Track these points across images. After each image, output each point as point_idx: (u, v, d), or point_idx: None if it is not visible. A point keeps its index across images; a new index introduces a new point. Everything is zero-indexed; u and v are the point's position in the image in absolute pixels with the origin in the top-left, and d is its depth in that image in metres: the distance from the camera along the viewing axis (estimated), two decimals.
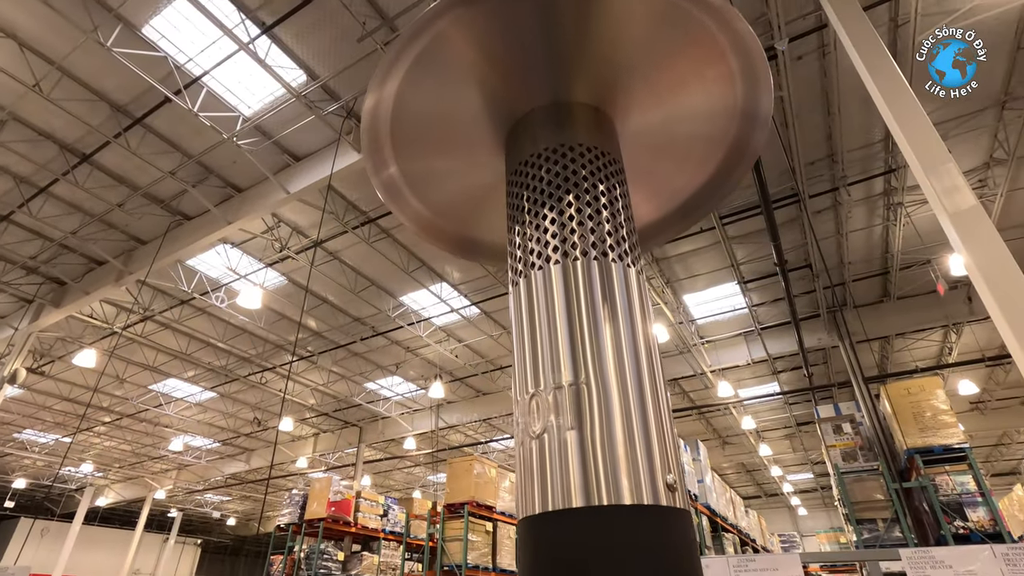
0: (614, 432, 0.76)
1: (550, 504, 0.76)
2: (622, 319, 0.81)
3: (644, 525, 0.70)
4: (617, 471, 0.73)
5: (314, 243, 10.09)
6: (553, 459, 0.77)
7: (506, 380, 15.60)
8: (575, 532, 0.72)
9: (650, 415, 0.78)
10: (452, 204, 1.36)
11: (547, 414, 0.81)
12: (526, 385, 0.86)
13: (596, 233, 0.88)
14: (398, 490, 25.48)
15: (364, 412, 17.74)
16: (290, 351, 14.03)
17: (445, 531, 10.52)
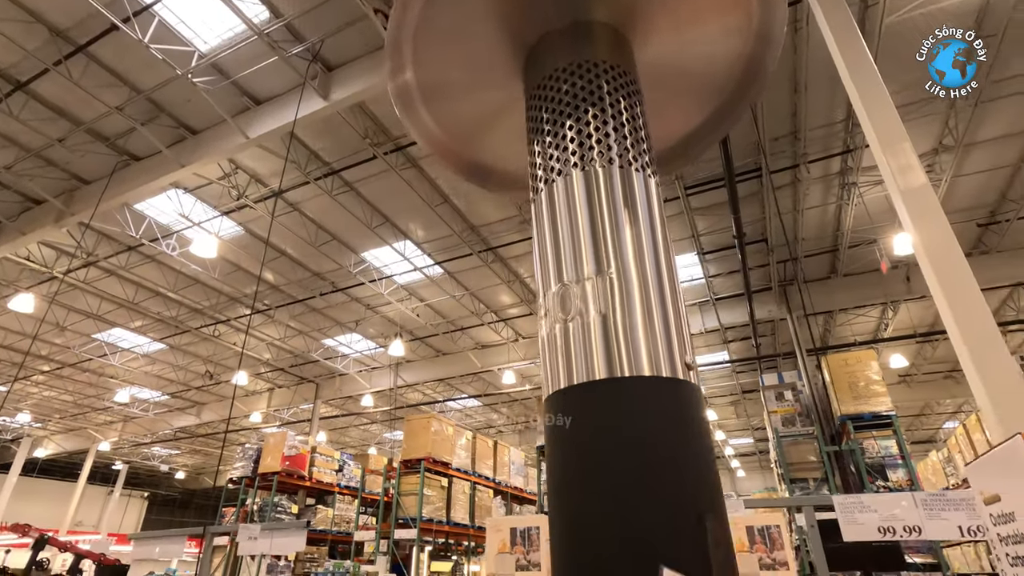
0: (635, 316, 0.81)
1: (575, 378, 0.81)
2: (643, 223, 0.86)
3: (662, 394, 0.76)
4: (637, 348, 0.79)
5: (274, 193, 9.73)
6: (577, 342, 0.82)
7: (467, 341, 15.72)
8: (598, 401, 0.76)
9: (668, 305, 0.83)
10: (463, 124, 1.36)
11: (571, 304, 0.85)
12: (549, 282, 0.89)
13: (619, 144, 0.92)
14: (353, 447, 25.63)
15: (321, 368, 17.59)
16: (245, 304, 13.67)
17: (401, 486, 10.71)
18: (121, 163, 9.25)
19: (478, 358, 15.87)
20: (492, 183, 1.56)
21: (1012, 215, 9.94)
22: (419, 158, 9.27)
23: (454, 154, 1.46)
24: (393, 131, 8.75)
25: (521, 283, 12.84)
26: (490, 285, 12.85)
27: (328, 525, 13.36)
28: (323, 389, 18.30)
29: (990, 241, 10.70)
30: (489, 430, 22.51)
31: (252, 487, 12.57)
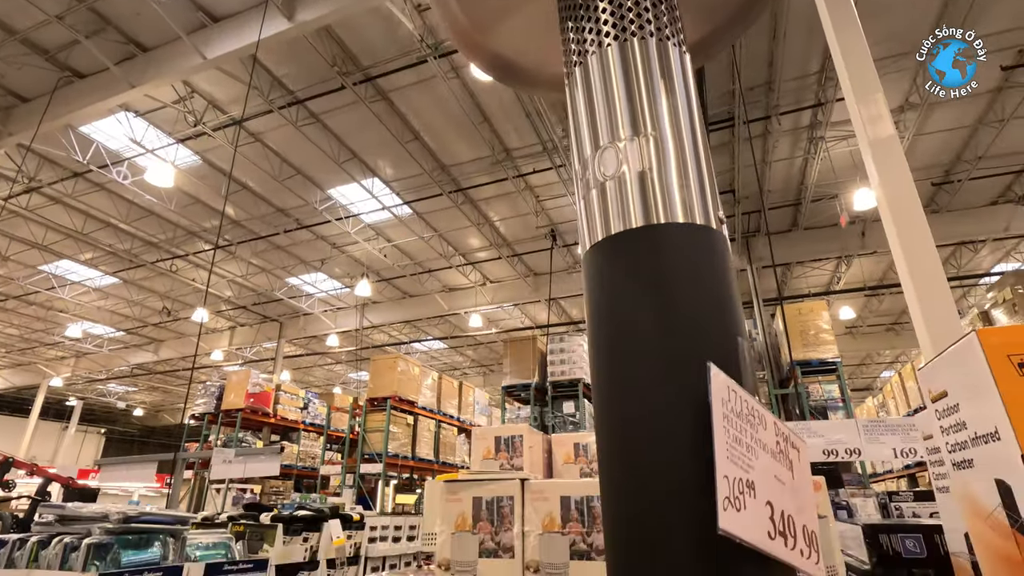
0: (670, 173, 0.83)
1: (612, 229, 0.84)
2: (679, 92, 0.88)
3: (696, 240, 0.79)
4: (672, 199, 0.82)
5: (234, 121, 9.22)
6: (615, 198, 0.85)
7: (434, 283, 15.67)
8: (636, 247, 0.80)
9: (702, 166, 0.87)
10: (488, 9, 1.33)
11: (607, 165, 0.87)
12: (585, 150, 0.91)
13: (656, 19, 0.92)
14: (318, 386, 25.69)
15: (285, 307, 17.32)
16: (204, 239, 13.18)
17: (367, 423, 10.88)
18: (63, 80, 8.54)
19: (445, 301, 15.90)
20: (512, 78, 1.54)
21: (964, 175, 10.35)
22: (389, 91, 8.89)
23: (477, 44, 1.42)
24: (363, 60, 8.33)
25: (491, 226, 12.76)
26: (459, 227, 12.72)
27: (294, 460, 13.56)
28: (287, 328, 18.09)
29: (941, 200, 11.16)
30: (454, 372, 22.86)
31: (215, 424, 12.56)
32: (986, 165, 10.10)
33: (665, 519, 0.66)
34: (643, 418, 0.72)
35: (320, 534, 4.59)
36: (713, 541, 0.60)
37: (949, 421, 1.15)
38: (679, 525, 0.64)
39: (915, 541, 1.93)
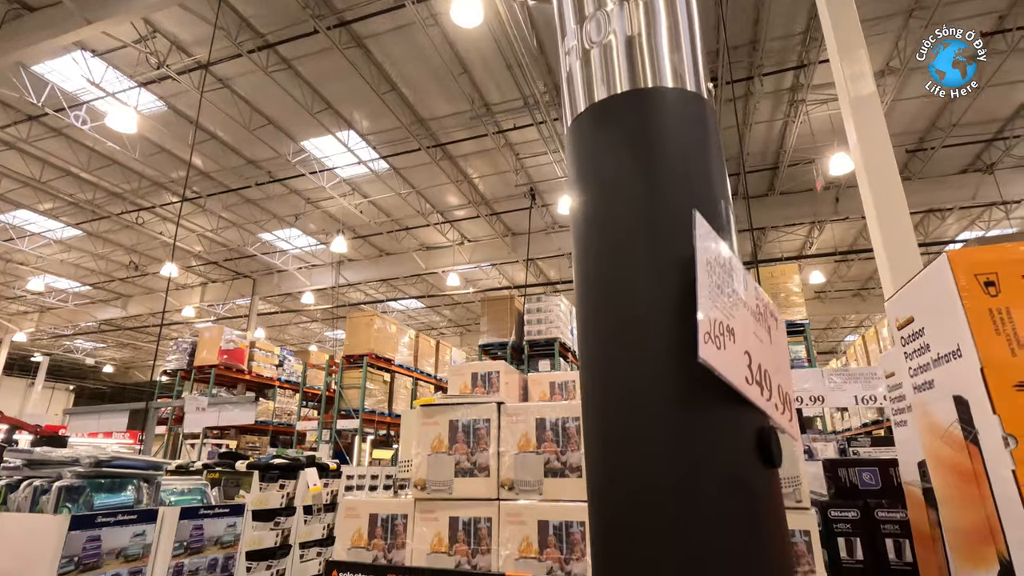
0: (660, 37, 0.80)
1: (597, 96, 0.81)
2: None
3: (686, 105, 0.78)
4: (662, 62, 0.79)
5: (200, 65, 8.76)
6: (600, 65, 0.82)
7: (411, 241, 15.50)
8: (622, 110, 0.78)
9: (695, 33, 0.83)
10: None
11: (592, 33, 0.83)
12: (568, 22, 0.87)
13: None
14: (293, 344, 25.51)
15: (258, 264, 16.97)
16: (171, 190, 12.71)
17: (343, 379, 10.89)
18: (11, 12, 7.96)
19: (423, 259, 15.77)
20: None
21: (938, 143, 10.51)
22: (365, 37, 8.53)
23: None
24: (336, 2, 7.93)
25: (470, 184, 12.57)
26: (437, 184, 12.50)
27: (269, 416, 13.57)
28: (260, 285, 17.78)
29: (914, 167, 11.35)
30: (431, 332, 22.91)
31: (188, 380, 12.42)
32: (960, 133, 10.26)
33: (646, 355, 0.66)
34: (627, 271, 0.71)
35: (296, 482, 4.63)
36: (692, 381, 0.60)
37: (913, 346, 1.19)
38: (660, 362, 0.64)
39: (871, 474, 2.03)
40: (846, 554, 1.91)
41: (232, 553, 4.02)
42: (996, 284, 0.94)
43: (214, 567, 3.89)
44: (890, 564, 1.85)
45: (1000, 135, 10.58)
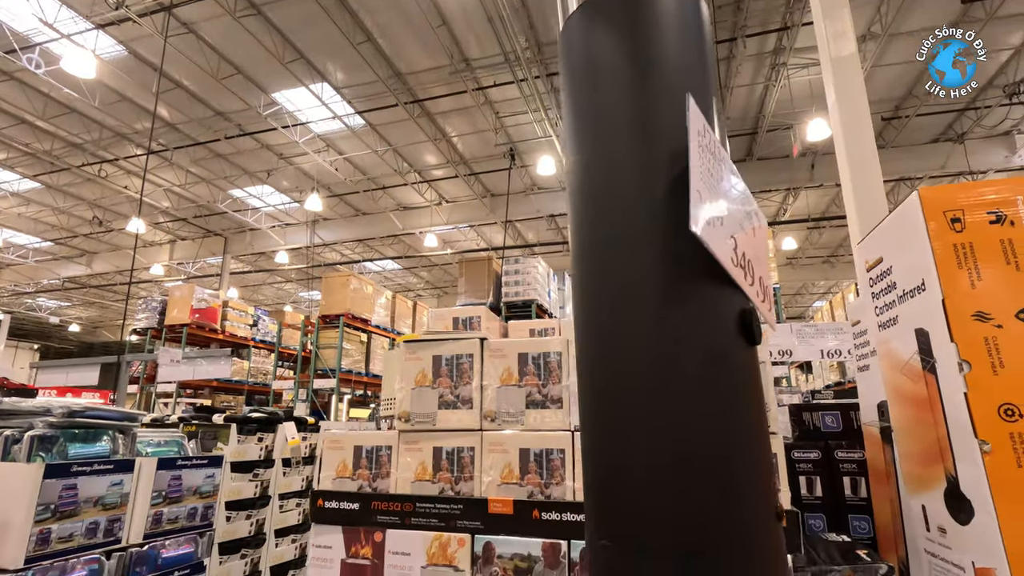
0: None
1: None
2: None
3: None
4: None
5: (163, 7, 8.28)
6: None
7: (388, 201, 15.24)
8: (613, 4, 0.77)
9: None
10: None
11: None
12: None
13: None
14: (268, 305, 25.17)
15: (229, 221, 16.53)
16: (135, 141, 12.17)
17: (320, 340, 10.84)
18: None
19: (400, 220, 15.56)
20: None
21: (912, 111, 10.65)
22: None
23: None
24: None
25: (448, 142, 12.34)
26: (415, 142, 12.24)
27: (244, 376, 13.47)
28: (232, 244, 17.37)
29: (888, 135, 11.52)
30: (408, 294, 22.82)
31: (159, 339, 12.20)
32: (935, 101, 10.41)
33: (638, 235, 0.69)
34: (619, 156, 0.72)
35: (275, 435, 4.66)
36: (682, 260, 0.64)
37: (880, 285, 1.24)
38: (652, 241, 0.68)
39: (833, 417, 2.14)
40: (806, 491, 2.03)
41: (211, 503, 4.06)
42: (962, 221, 0.98)
43: (193, 515, 3.93)
44: (846, 499, 1.98)
45: (972, 105, 10.77)
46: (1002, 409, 0.91)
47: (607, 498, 0.66)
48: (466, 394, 1.40)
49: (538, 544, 1.23)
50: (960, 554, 0.99)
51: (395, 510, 1.35)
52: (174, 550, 3.75)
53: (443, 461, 1.37)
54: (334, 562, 1.40)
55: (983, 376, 0.92)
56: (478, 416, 1.36)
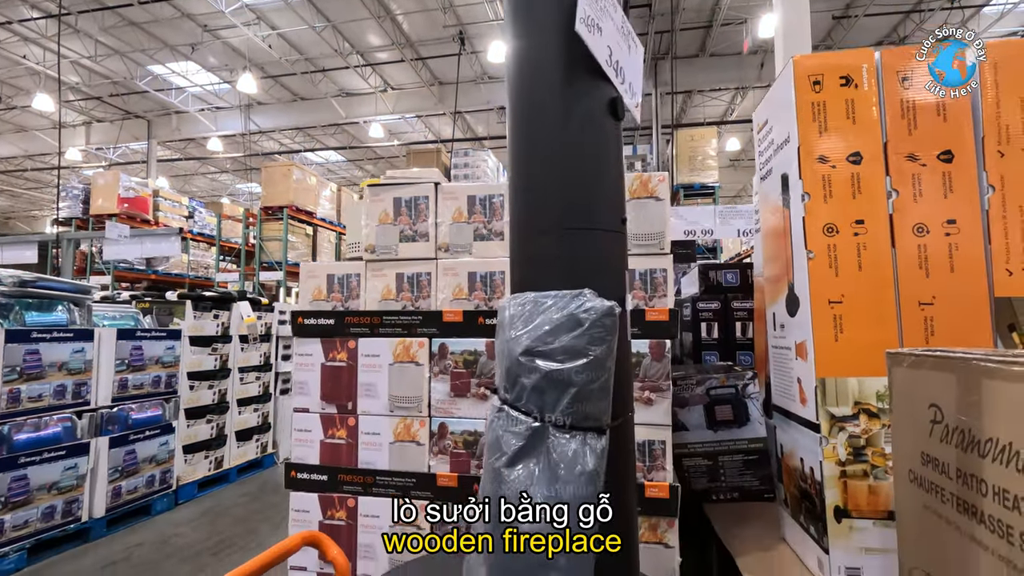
0: None
1: None
2: None
3: None
4: None
5: None
6: None
7: (329, 86, 14.32)
8: None
9: None
10: None
11: None
12: None
13: None
14: (202, 196, 23.84)
15: (152, 102, 15.14)
16: (29, 1, 10.67)
17: (263, 232, 10.60)
18: None
19: (342, 107, 14.74)
20: None
21: (862, 11, 10.75)
22: None
23: None
24: None
25: (393, 21, 11.51)
26: (357, 19, 11.34)
27: (184, 269, 13.13)
28: (157, 128, 16.04)
29: (837, 35, 11.65)
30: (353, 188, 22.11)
31: (85, 229, 11.54)
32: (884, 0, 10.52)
33: (545, 43, 0.98)
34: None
35: (230, 313, 4.81)
36: (574, 60, 0.93)
37: (764, 144, 1.51)
38: (553, 46, 0.97)
39: (733, 274, 2.53)
40: (706, 335, 2.45)
41: (174, 372, 4.28)
42: (821, 83, 1.23)
43: (158, 383, 4.15)
44: (736, 339, 2.41)
45: (917, 7, 10.96)
46: (825, 227, 1.22)
47: (525, 203, 1.01)
48: (423, 229, 1.63)
49: (482, 342, 1.55)
50: (789, 338, 1.36)
51: (365, 323, 1.62)
52: (142, 412, 4.01)
53: (404, 284, 1.63)
54: (315, 366, 1.67)
55: (817, 204, 1.22)
56: (433, 248, 1.60)
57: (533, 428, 0.81)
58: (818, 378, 1.17)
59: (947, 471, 0.65)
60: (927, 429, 0.72)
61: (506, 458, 0.80)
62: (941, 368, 0.69)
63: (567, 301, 0.84)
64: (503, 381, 0.87)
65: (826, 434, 1.16)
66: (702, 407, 1.82)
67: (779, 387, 1.47)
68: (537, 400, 0.83)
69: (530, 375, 0.83)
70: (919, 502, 0.75)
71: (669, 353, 1.48)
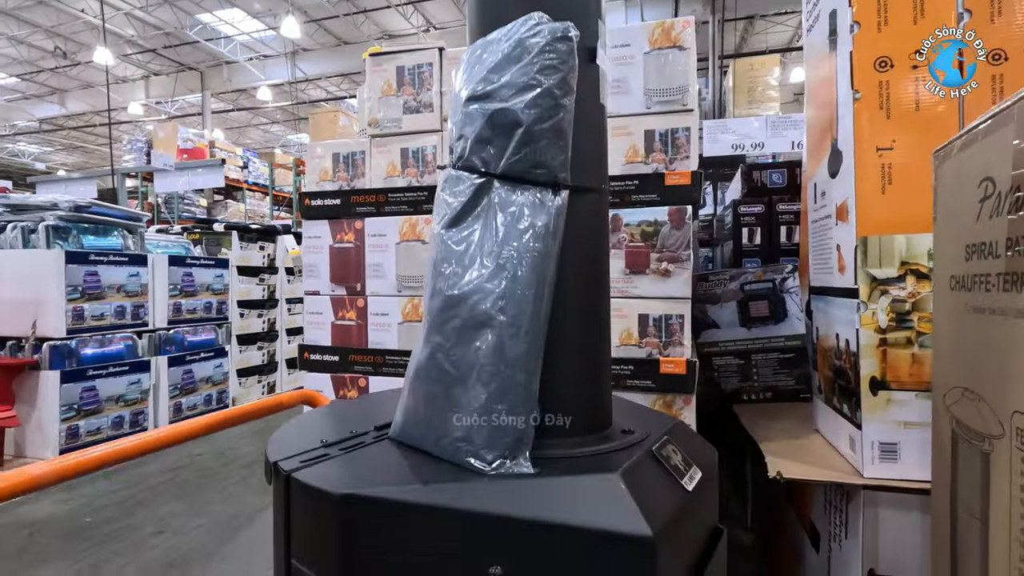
0: None
1: None
2: None
3: None
4: None
5: None
6: None
7: (370, 27, 14.10)
8: None
9: None
10: None
11: None
12: None
13: None
14: (256, 148, 24.51)
15: (203, 53, 15.43)
16: None
17: None
18: None
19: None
20: None
21: None
22: None
23: None
24: None
25: None
26: None
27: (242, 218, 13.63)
28: (210, 79, 16.40)
29: None
30: None
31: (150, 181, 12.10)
32: None
33: None
34: None
35: (275, 245, 4.95)
36: None
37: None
38: None
39: (780, 174, 2.32)
40: (747, 241, 2.29)
41: (224, 299, 4.47)
42: None
43: (209, 309, 4.36)
44: (780, 245, 2.24)
45: None
46: (877, 62, 1.04)
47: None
48: (427, 100, 1.55)
49: None
50: (829, 205, 1.21)
51: (370, 201, 1.58)
52: (196, 336, 4.23)
53: (409, 159, 1.57)
54: (323, 248, 1.66)
55: (868, 34, 1.04)
56: (439, 119, 1.53)
57: (476, 184, 0.73)
58: (859, 237, 1.03)
59: (994, 250, 0.54)
60: (975, 213, 0.60)
61: (446, 220, 0.73)
62: (998, 126, 0.57)
63: (515, 29, 0.73)
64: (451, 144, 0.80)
65: (865, 299, 1.03)
66: (735, 303, 1.70)
67: (817, 265, 1.33)
68: (481, 152, 0.74)
69: (473, 124, 0.73)
70: (959, 304, 0.64)
71: (690, 220, 1.36)
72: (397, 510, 0.63)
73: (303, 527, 0.71)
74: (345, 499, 0.64)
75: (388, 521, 0.63)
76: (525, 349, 0.68)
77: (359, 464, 0.73)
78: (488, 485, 0.65)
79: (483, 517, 0.60)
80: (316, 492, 0.67)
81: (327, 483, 0.67)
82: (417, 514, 0.63)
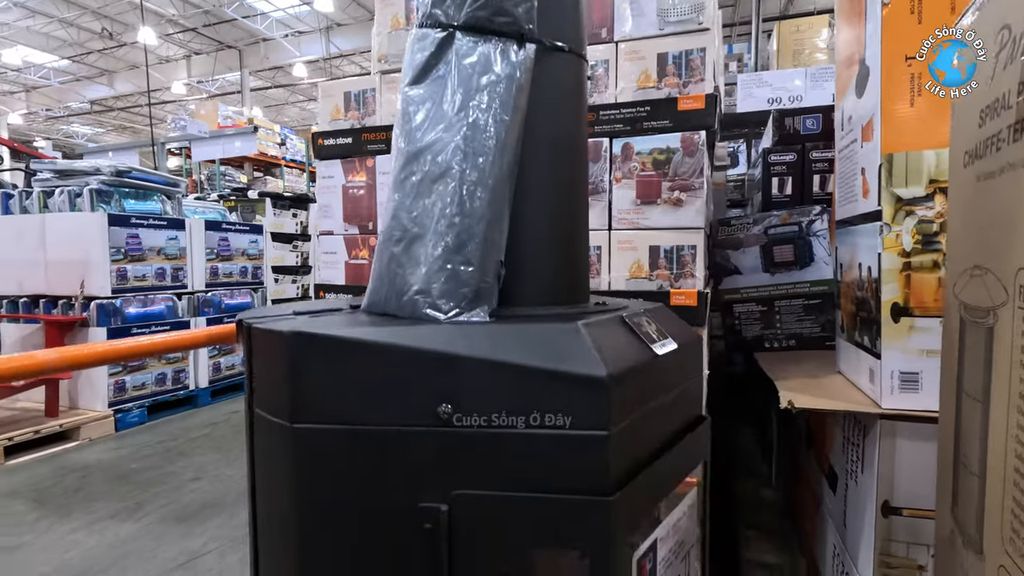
0: None
1: None
2: None
3: None
4: None
5: None
6: None
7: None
8: None
9: None
10: None
11: None
12: None
13: None
14: (294, 125, 24.94)
15: (241, 31, 15.68)
16: None
17: None
18: None
19: None
20: None
21: None
22: None
23: None
24: None
25: None
26: None
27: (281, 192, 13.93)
28: (248, 57, 16.68)
29: None
30: None
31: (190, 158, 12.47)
32: None
33: None
34: None
35: (307, 213, 5.05)
36: None
37: None
38: None
39: (814, 120, 2.21)
40: (777, 191, 2.20)
41: (259, 264, 4.60)
42: None
43: (245, 273, 4.49)
44: (813, 195, 2.14)
45: None
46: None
47: None
48: None
49: None
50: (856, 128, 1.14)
51: (381, 139, 1.58)
52: (233, 299, 4.38)
53: None
54: (336, 188, 1.68)
55: None
56: None
57: (439, 39, 0.70)
58: (884, 155, 0.97)
59: (1007, 101, 0.49)
60: (991, 70, 0.55)
61: (409, 78, 0.71)
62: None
63: None
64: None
65: (888, 220, 0.97)
66: (759, 248, 1.64)
67: (843, 196, 1.26)
68: (443, 5, 0.71)
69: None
70: (972, 176, 0.59)
71: (704, 147, 1.30)
72: (345, 346, 0.63)
73: (263, 375, 0.72)
74: (295, 335, 0.65)
75: (335, 356, 0.64)
76: (487, 200, 0.66)
77: (320, 322, 0.74)
78: (439, 328, 0.65)
79: (430, 355, 0.60)
80: (270, 334, 0.69)
81: (282, 328, 0.68)
82: (364, 350, 0.63)
